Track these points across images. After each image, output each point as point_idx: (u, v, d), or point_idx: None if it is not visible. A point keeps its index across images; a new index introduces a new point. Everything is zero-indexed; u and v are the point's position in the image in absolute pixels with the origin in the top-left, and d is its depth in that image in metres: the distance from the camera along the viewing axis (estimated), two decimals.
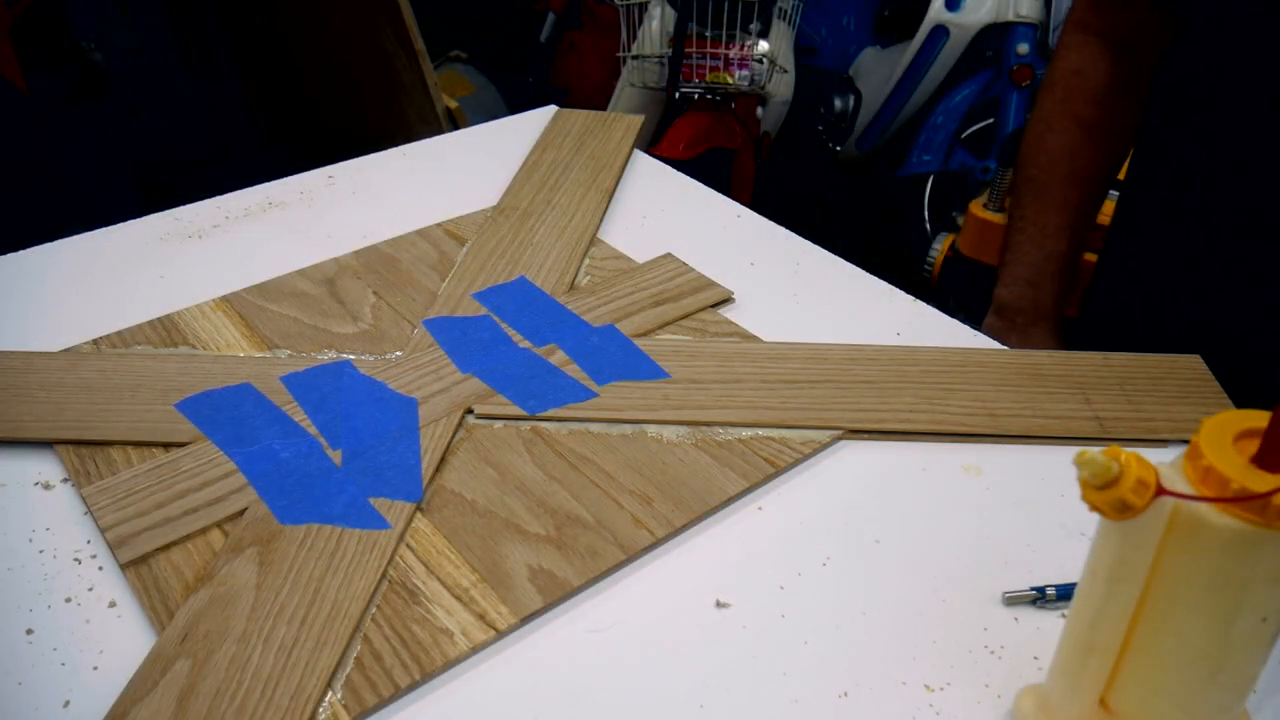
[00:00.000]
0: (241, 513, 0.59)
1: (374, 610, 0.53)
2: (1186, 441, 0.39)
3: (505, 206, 0.89)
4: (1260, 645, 0.40)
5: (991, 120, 2.13)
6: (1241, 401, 0.65)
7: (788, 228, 0.89)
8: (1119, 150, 0.85)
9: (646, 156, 1.02)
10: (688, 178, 0.98)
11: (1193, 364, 0.71)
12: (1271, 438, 0.37)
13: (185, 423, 0.65)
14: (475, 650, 0.51)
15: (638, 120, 1.05)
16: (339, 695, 0.49)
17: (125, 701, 0.48)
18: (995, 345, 0.74)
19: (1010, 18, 2.06)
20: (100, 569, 0.56)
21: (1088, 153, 0.84)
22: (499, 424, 0.65)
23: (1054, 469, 0.63)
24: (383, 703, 0.49)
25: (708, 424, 0.65)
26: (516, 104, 1.90)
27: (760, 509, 0.60)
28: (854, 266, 0.83)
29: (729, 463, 0.62)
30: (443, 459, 0.63)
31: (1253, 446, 0.38)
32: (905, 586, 0.55)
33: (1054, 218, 0.85)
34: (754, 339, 0.74)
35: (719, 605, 0.54)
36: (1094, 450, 0.37)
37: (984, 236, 1.49)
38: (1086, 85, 0.83)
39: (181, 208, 0.91)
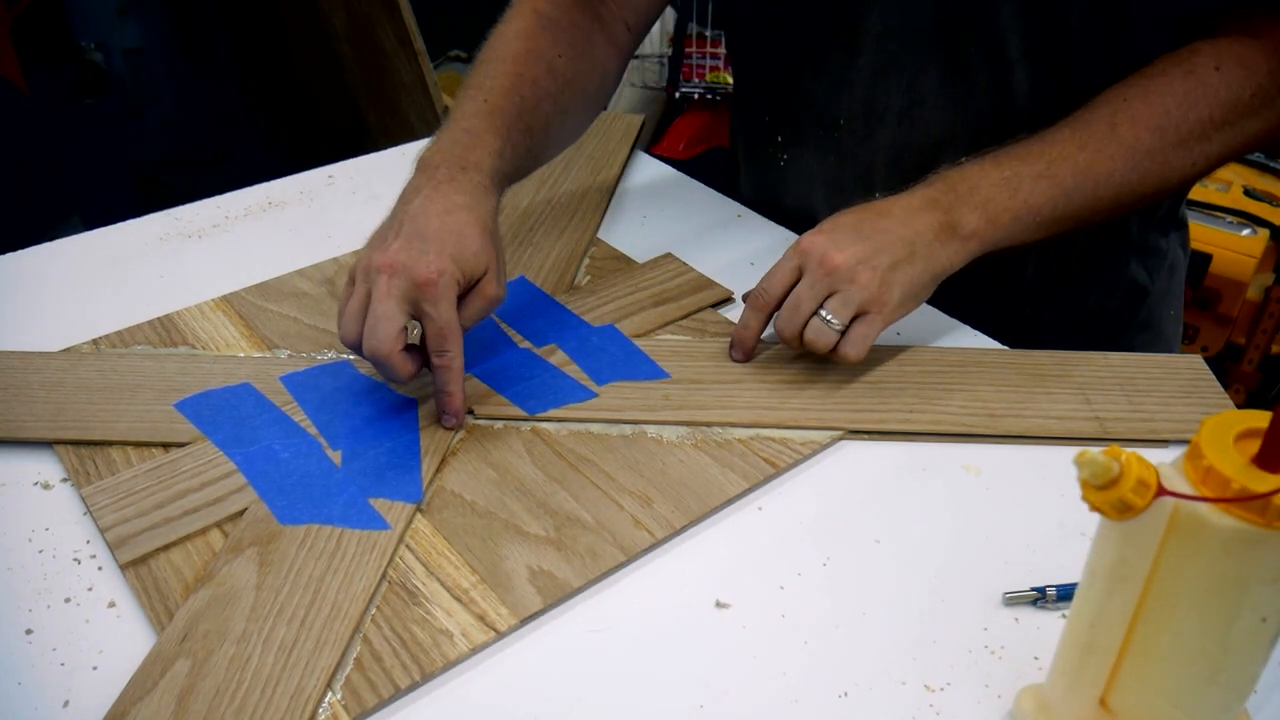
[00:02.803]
0: (241, 513, 0.58)
1: (374, 611, 0.53)
2: (1186, 441, 0.39)
3: (505, 206, 0.89)
4: (1260, 645, 0.40)
5: None
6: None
7: (788, 227, 0.89)
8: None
9: (646, 156, 1.02)
10: (688, 178, 0.98)
11: (1193, 364, 0.71)
12: (1271, 438, 0.37)
13: (185, 423, 0.65)
14: (475, 651, 0.51)
15: (638, 120, 1.05)
16: (339, 695, 0.49)
17: (125, 701, 0.48)
18: (995, 345, 0.74)
19: None
20: (100, 569, 0.56)
21: None
22: (499, 424, 0.65)
23: (1054, 469, 0.63)
24: (383, 703, 0.49)
25: (707, 424, 0.65)
26: None
27: (760, 509, 0.60)
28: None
29: (729, 463, 0.62)
30: (443, 460, 0.63)
31: (1253, 446, 0.38)
32: (905, 586, 0.55)
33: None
34: None
35: (719, 605, 0.54)
36: (1094, 450, 0.37)
37: None
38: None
39: (181, 208, 0.91)
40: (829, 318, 0.65)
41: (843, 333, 0.65)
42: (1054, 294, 0.87)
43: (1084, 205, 0.69)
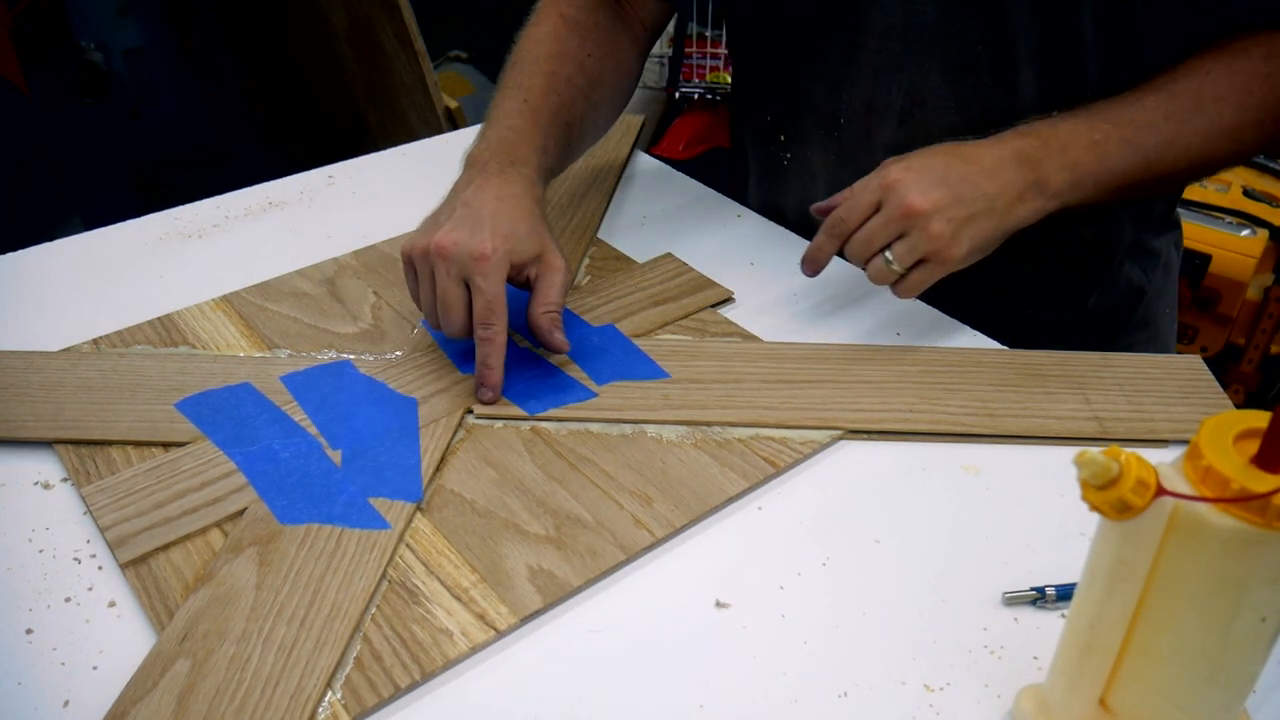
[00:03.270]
0: (241, 513, 0.59)
1: (374, 610, 0.53)
2: (1186, 441, 0.39)
3: None
4: (1260, 645, 0.40)
5: None
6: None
7: (787, 227, 0.89)
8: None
9: (646, 156, 1.02)
10: (688, 178, 0.98)
11: (1193, 364, 0.71)
12: (1271, 438, 0.37)
13: (185, 422, 0.65)
14: (475, 650, 0.51)
15: (638, 120, 1.05)
16: (339, 695, 0.49)
17: (125, 701, 0.48)
18: (995, 345, 0.74)
19: None
20: (100, 569, 0.56)
21: None
22: (499, 424, 0.65)
23: (1054, 469, 0.63)
24: (383, 703, 0.49)
25: (707, 424, 0.65)
26: None
27: (760, 509, 0.60)
28: (854, 266, 0.83)
29: (729, 463, 0.62)
30: (443, 459, 0.63)
31: (1253, 446, 0.38)
32: (905, 586, 0.55)
33: None
34: (754, 339, 0.74)
35: (719, 605, 0.54)
36: (1094, 450, 0.37)
37: None
38: None
39: (181, 208, 0.91)
40: (891, 260, 0.67)
41: (903, 275, 0.68)
42: (1053, 294, 0.87)
43: (1159, 175, 0.70)
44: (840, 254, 0.71)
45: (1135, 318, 0.89)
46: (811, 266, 0.73)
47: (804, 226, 0.87)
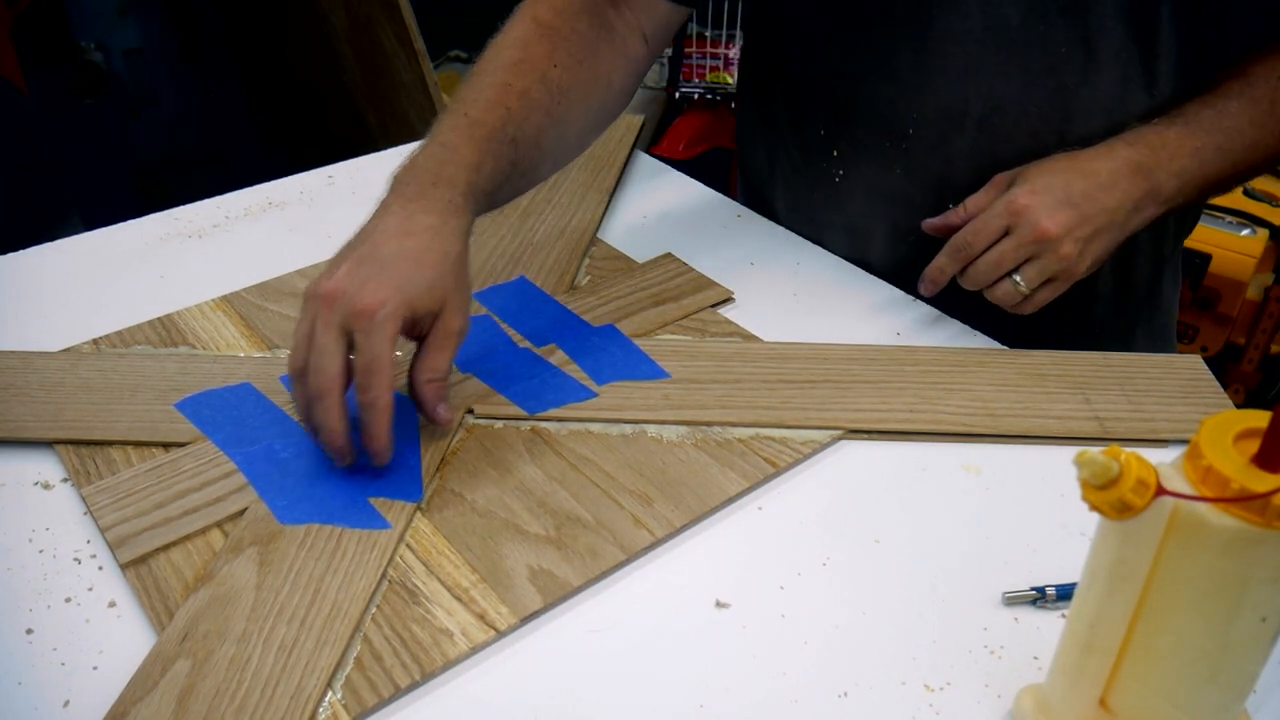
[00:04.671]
0: (241, 513, 0.59)
1: (374, 610, 0.53)
2: (1186, 441, 0.39)
3: (505, 207, 0.89)
4: (1260, 645, 0.40)
5: None
6: None
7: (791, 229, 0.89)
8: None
9: (646, 156, 1.02)
10: (688, 178, 0.98)
11: (1193, 364, 0.71)
12: (1271, 438, 0.37)
13: (185, 423, 0.65)
14: (475, 650, 0.51)
15: (638, 120, 1.05)
16: (339, 695, 0.49)
17: (125, 701, 0.48)
18: (995, 345, 0.74)
19: None
20: (100, 569, 0.56)
21: None
22: (499, 424, 0.65)
23: (1054, 469, 0.63)
24: (383, 703, 0.49)
25: (708, 424, 0.65)
26: None
27: (760, 509, 0.60)
28: (854, 266, 0.83)
29: (729, 463, 0.62)
30: (443, 459, 0.63)
31: (1253, 446, 0.38)
32: (905, 586, 0.55)
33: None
34: (754, 339, 0.74)
35: (719, 605, 0.54)
36: (1094, 450, 0.37)
37: None
38: None
39: (181, 208, 0.91)
40: (1020, 282, 0.68)
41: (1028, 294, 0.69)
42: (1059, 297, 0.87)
43: (1239, 178, 0.72)
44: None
45: (1141, 316, 0.89)
46: (932, 288, 0.73)
47: (854, 248, 0.85)
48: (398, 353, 0.70)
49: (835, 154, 0.84)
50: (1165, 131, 0.71)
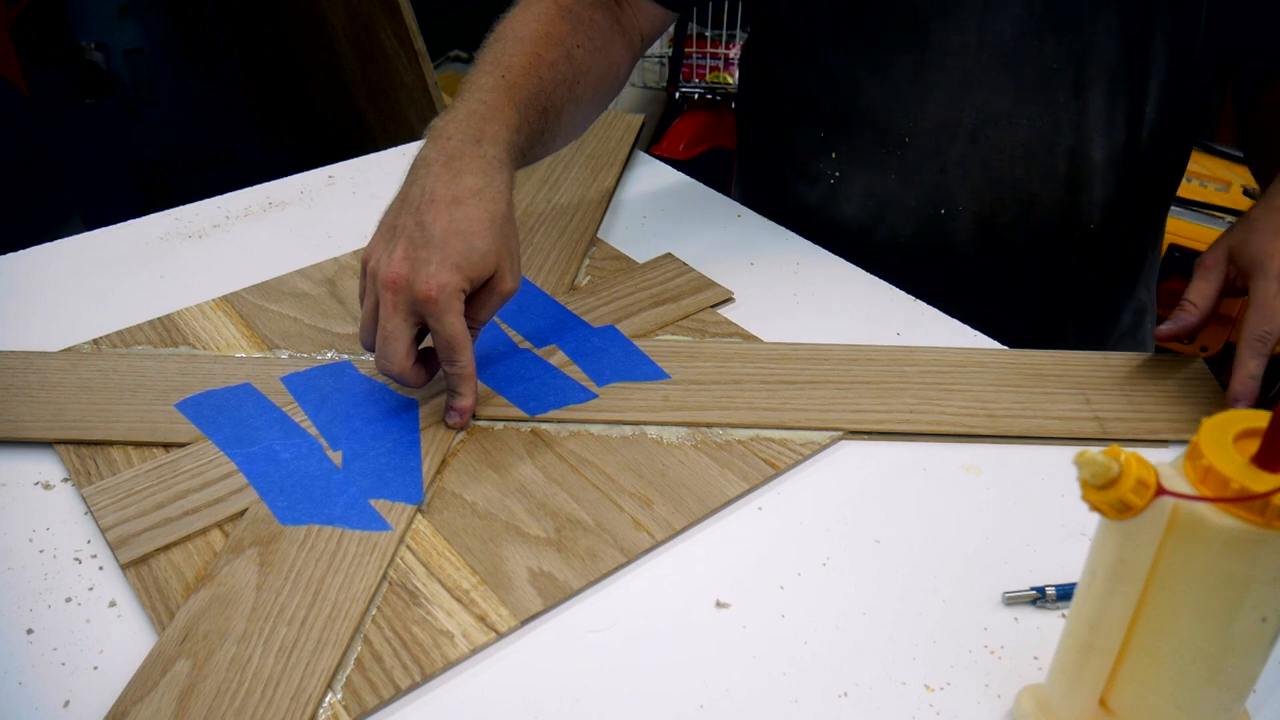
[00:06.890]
0: (242, 513, 0.59)
1: (374, 611, 0.53)
2: (1186, 441, 0.39)
3: None
4: (1260, 645, 0.40)
5: None
6: None
7: (788, 227, 0.89)
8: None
9: (646, 156, 1.02)
10: (688, 178, 0.98)
11: (1192, 364, 0.71)
12: (1271, 438, 0.37)
13: (185, 423, 0.65)
14: (475, 652, 0.51)
15: (638, 120, 1.05)
16: (339, 696, 0.49)
17: (125, 701, 0.48)
18: (995, 345, 0.74)
19: None
20: (100, 569, 0.56)
21: None
22: (499, 425, 0.65)
23: (1054, 469, 0.63)
24: (383, 704, 0.49)
25: (708, 425, 0.65)
26: None
27: (760, 509, 0.60)
28: (854, 266, 0.83)
29: (729, 464, 0.62)
30: (443, 461, 0.63)
31: (1253, 446, 0.38)
32: (905, 586, 0.55)
33: None
34: (754, 339, 0.74)
35: (719, 605, 0.54)
36: (1094, 450, 0.37)
37: None
38: None
39: (181, 208, 0.91)
40: None
41: None
42: (1064, 300, 0.88)
43: None
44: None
45: (1139, 315, 0.90)
46: (1248, 402, 0.64)
47: (852, 248, 0.85)
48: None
49: (834, 156, 0.86)
50: None
